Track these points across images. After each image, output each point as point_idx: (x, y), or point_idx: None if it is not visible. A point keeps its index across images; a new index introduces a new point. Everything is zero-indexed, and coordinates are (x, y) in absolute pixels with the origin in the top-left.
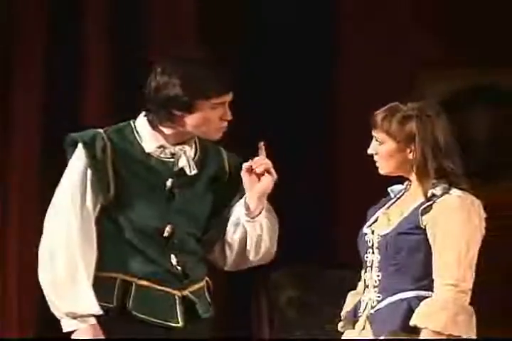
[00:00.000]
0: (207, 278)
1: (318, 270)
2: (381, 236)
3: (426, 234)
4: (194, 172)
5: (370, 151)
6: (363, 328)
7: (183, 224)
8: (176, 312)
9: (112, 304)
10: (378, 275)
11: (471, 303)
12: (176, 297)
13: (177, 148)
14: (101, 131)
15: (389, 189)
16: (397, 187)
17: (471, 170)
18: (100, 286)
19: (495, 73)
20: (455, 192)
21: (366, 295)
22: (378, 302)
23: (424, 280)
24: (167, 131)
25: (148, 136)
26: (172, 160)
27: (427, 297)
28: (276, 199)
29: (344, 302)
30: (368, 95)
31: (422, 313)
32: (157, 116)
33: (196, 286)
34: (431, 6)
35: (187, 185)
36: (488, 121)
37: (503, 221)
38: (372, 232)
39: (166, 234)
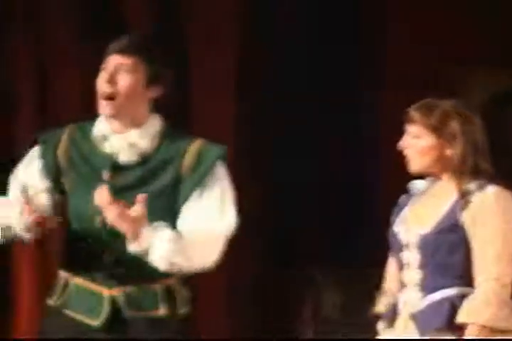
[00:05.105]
0: (166, 281)
1: (362, 272)
2: (420, 235)
3: (464, 232)
4: (133, 161)
5: (402, 145)
6: (406, 327)
7: None
8: (100, 312)
9: (52, 301)
10: (419, 274)
11: None
12: (104, 296)
13: (118, 136)
14: (67, 127)
15: (410, 184)
16: (419, 183)
17: (504, 173)
18: (55, 284)
19: None
20: (490, 188)
21: (406, 293)
22: (420, 300)
23: (465, 277)
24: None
25: (98, 127)
26: (111, 150)
27: (468, 293)
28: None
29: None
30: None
31: (467, 309)
32: None
33: (134, 287)
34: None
35: (126, 175)
36: None
37: None
38: (407, 231)
39: (97, 223)
